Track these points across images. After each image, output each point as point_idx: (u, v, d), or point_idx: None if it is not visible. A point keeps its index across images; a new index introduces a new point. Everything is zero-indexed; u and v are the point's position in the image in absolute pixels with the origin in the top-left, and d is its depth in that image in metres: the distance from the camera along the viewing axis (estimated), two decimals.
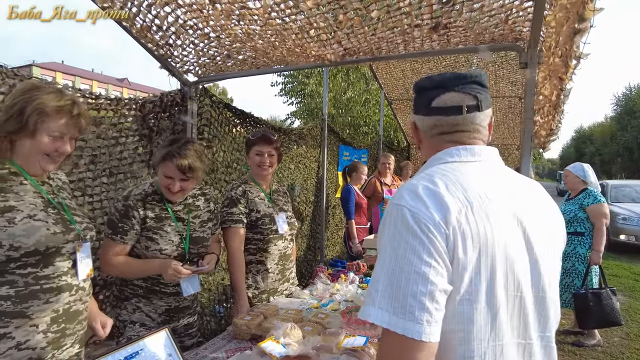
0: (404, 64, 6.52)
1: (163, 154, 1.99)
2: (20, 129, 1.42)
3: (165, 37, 2.81)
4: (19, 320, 1.39)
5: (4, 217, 1.37)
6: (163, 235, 2.01)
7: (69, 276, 1.53)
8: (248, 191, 2.57)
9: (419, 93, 1.16)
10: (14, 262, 1.38)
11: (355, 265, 3.18)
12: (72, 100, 1.52)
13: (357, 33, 2.33)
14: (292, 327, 1.74)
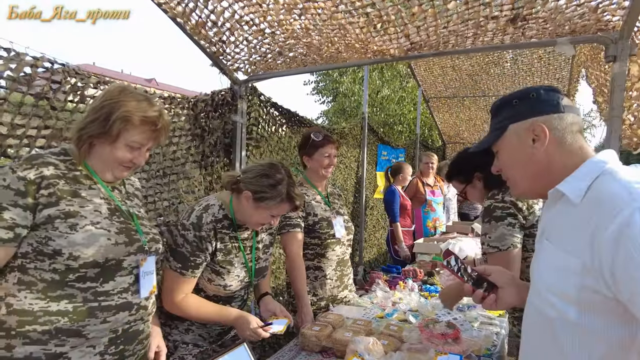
0: (445, 61, 6.32)
1: (284, 196, 1.77)
2: (103, 133, 1.35)
3: (219, 34, 2.74)
4: (75, 339, 1.29)
5: (67, 223, 1.27)
6: (231, 271, 1.84)
7: (129, 293, 1.41)
8: (304, 194, 2.46)
9: (542, 93, 1.13)
10: (72, 273, 1.28)
11: (412, 271, 3.03)
12: (160, 112, 1.44)
13: (428, 26, 2.19)
14: (375, 342, 1.61)
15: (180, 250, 1.72)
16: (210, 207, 1.79)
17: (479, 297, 1.27)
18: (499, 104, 1.21)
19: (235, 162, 3.22)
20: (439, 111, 7.93)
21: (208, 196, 1.90)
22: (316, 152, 2.50)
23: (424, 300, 2.46)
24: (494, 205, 1.80)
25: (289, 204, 1.80)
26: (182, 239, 1.72)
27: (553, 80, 6.46)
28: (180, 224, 1.74)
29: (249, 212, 1.78)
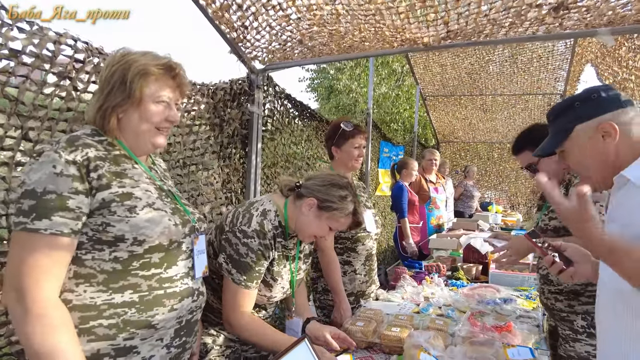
0: (445, 59, 6.33)
1: (350, 211, 1.66)
2: (125, 99, 1.22)
3: (242, 18, 2.62)
4: (145, 330, 1.18)
5: (124, 206, 1.15)
6: (278, 282, 1.72)
7: (189, 278, 1.31)
8: None
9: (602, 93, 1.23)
10: (136, 260, 1.17)
11: (435, 266, 2.98)
12: (170, 57, 1.31)
13: (470, 12, 2.13)
14: (435, 336, 1.54)
15: (245, 261, 1.56)
16: (267, 213, 1.64)
17: (558, 268, 1.36)
18: (558, 109, 1.32)
19: (252, 154, 3.10)
20: (435, 110, 7.94)
21: (261, 198, 1.74)
22: (346, 142, 2.41)
23: (456, 295, 2.41)
24: None
25: (352, 220, 1.70)
26: (245, 248, 1.56)
27: (551, 79, 6.55)
28: (239, 230, 1.57)
29: (308, 221, 1.65)
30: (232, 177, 2.96)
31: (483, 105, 7.51)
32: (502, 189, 9.18)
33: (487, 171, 9.28)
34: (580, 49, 5.19)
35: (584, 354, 1.84)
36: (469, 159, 9.25)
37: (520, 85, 6.78)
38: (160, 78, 1.26)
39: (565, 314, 1.94)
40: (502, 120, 7.93)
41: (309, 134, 3.99)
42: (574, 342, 1.89)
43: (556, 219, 1.94)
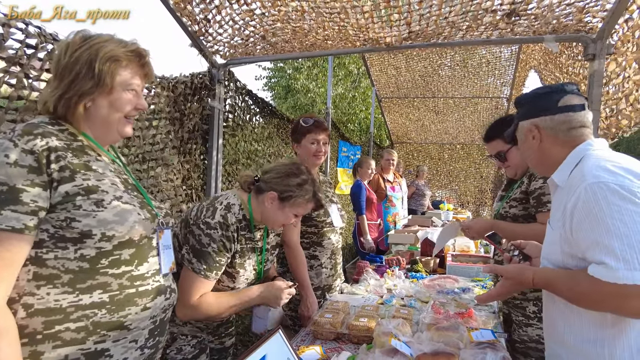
0: (400, 61, 6.51)
1: (311, 195, 1.72)
2: (94, 86, 1.15)
3: (205, 11, 2.58)
4: (117, 332, 1.12)
5: (91, 200, 1.09)
6: (242, 273, 1.73)
7: (160, 275, 1.27)
8: None
9: (539, 98, 1.34)
10: (105, 258, 1.11)
11: (395, 260, 3.07)
12: (137, 45, 1.26)
13: (432, 14, 2.22)
14: (403, 323, 1.60)
15: (206, 250, 1.56)
16: (232, 207, 1.65)
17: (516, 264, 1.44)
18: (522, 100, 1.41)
19: (212, 150, 3.05)
20: (390, 111, 8.16)
21: (226, 193, 1.74)
22: (304, 138, 2.40)
23: (417, 287, 2.50)
24: None
25: (314, 203, 1.75)
26: (207, 239, 1.56)
27: (498, 83, 6.93)
28: (203, 222, 1.57)
29: (272, 213, 1.69)
30: (193, 173, 2.89)
31: (435, 107, 7.81)
32: (452, 188, 9.60)
33: (438, 171, 9.67)
34: (524, 55, 5.53)
35: (535, 337, 1.97)
36: (421, 159, 9.59)
37: (470, 89, 7.12)
38: (129, 65, 1.22)
39: (518, 301, 2.07)
40: (452, 122, 8.29)
41: (270, 131, 3.97)
42: (527, 327, 2.01)
43: (515, 207, 2.06)
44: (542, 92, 1.35)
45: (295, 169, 1.74)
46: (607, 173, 1.09)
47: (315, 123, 2.42)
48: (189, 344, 1.74)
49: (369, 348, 1.57)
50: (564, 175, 1.25)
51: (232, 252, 1.65)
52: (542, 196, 1.88)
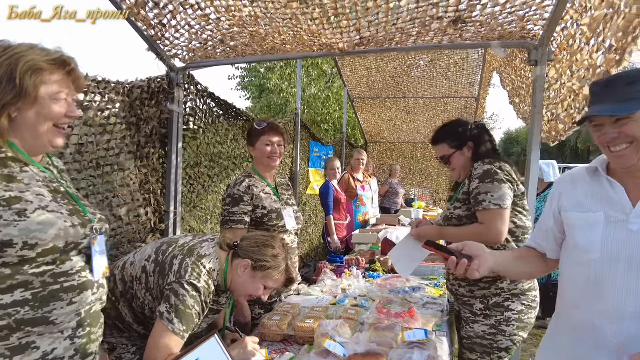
0: (370, 62, 6.58)
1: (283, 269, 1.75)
2: (17, 96, 1.14)
3: (160, 16, 2.57)
4: (42, 327, 1.15)
5: (12, 210, 1.10)
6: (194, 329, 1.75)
7: (87, 272, 1.29)
8: (253, 186, 2.41)
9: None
10: (28, 264, 1.13)
11: (355, 260, 3.13)
12: (61, 53, 1.25)
13: (379, 22, 2.28)
14: (342, 324, 1.65)
15: (190, 313, 1.55)
16: (212, 272, 1.68)
17: (463, 266, 1.41)
18: (633, 77, 1.23)
19: (172, 154, 3.05)
20: (363, 111, 8.24)
21: (210, 252, 1.73)
22: (258, 140, 2.45)
23: (371, 286, 2.56)
24: (495, 170, 1.99)
25: (285, 279, 1.77)
26: (192, 301, 1.56)
27: (467, 84, 7.08)
28: (188, 283, 1.57)
29: (243, 281, 1.71)
30: (151, 177, 2.89)
31: (406, 107, 7.92)
32: (425, 186, 9.77)
33: (411, 170, 9.82)
34: (489, 57, 5.67)
35: (480, 334, 2.05)
36: (394, 158, 9.72)
37: (440, 89, 7.25)
38: (54, 74, 1.21)
39: (466, 299, 2.15)
40: (424, 122, 8.43)
41: (235, 133, 3.98)
42: (474, 323, 2.10)
43: (460, 209, 2.14)
44: None
45: (273, 242, 1.78)
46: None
47: (269, 126, 2.47)
48: (129, 352, 1.77)
49: (310, 349, 1.63)
50: None
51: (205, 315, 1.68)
52: (479, 195, 1.97)
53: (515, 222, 2.05)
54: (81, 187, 2.33)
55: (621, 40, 1.56)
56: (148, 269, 1.70)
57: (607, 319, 1.25)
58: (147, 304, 1.71)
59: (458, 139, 2.14)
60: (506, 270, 1.56)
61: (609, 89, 1.26)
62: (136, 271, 1.74)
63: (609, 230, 1.26)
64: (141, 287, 1.71)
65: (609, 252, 1.25)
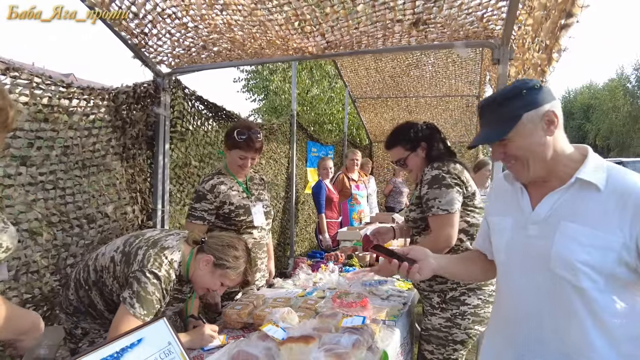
0: (369, 63, 6.66)
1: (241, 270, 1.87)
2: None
3: (141, 26, 2.73)
4: None
5: None
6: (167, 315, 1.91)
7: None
8: (220, 184, 2.49)
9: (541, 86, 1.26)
10: None
11: (334, 255, 3.24)
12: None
13: (341, 26, 2.38)
14: (289, 311, 1.76)
15: (150, 298, 1.69)
16: (173, 263, 1.81)
17: (405, 269, 1.47)
18: (503, 97, 1.28)
19: (159, 155, 3.21)
20: (365, 111, 8.31)
21: (174, 245, 1.86)
22: (233, 150, 2.49)
23: (342, 280, 2.66)
24: (442, 175, 2.05)
25: (242, 279, 1.90)
26: (153, 288, 1.71)
27: (466, 82, 7.08)
28: (149, 271, 1.72)
29: (202, 275, 1.84)
30: (138, 177, 3.06)
31: (408, 107, 7.95)
32: None
33: None
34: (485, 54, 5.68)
35: (437, 326, 2.13)
36: None
37: (440, 88, 7.27)
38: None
39: (426, 292, 2.23)
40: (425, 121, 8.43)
41: None
42: (431, 316, 2.18)
43: (414, 212, 2.22)
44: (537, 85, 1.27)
45: (238, 244, 1.91)
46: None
47: (246, 141, 2.45)
48: (100, 336, 1.91)
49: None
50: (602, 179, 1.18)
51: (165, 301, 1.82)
52: (428, 201, 2.05)
53: (467, 221, 2.12)
54: (67, 187, 2.52)
55: (550, 40, 1.63)
56: (116, 258, 1.85)
57: (511, 319, 1.35)
58: (114, 291, 1.86)
59: (411, 140, 2.21)
60: (451, 273, 1.60)
61: (486, 111, 1.33)
62: (106, 261, 1.89)
63: (513, 234, 1.34)
64: (109, 275, 1.86)
65: (510, 255, 1.35)
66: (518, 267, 1.31)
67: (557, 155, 1.24)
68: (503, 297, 1.41)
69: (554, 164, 1.24)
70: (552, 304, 1.24)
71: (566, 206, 1.22)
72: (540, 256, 1.24)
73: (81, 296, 1.96)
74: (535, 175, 1.27)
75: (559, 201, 1.23)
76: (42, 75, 2.35)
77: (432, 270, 1.48)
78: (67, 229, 2.50)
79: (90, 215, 2.66)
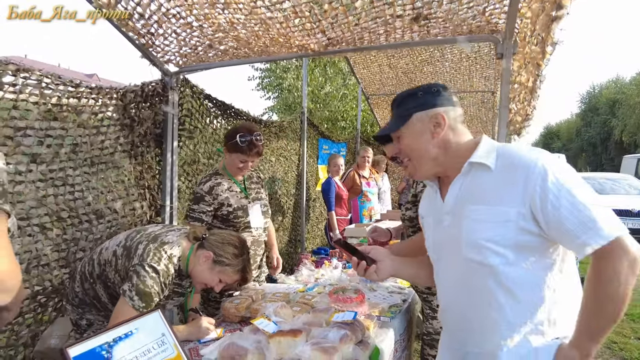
0: (382, 59, 6.62)
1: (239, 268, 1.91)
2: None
3: (147, 26, 2.79)
4: None
5: None
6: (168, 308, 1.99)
7: None
8: (217, 185, 2.54)
9: (438, 91, 1.36)
10: None
11: (339, 252, 3.24)
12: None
13: (340, 23, 2.39)
14: (283, 305, 1.79)
15: (149, 291, 1.75)
16: (173, 258, 1.86)
17: (363, 268, 1.51)
18: (404, 96, 1.40)
19: (167, 152, 3.28)
20: (379, 108, 8.25)
21: (173, 240, 1.92)
22: (234, 153, 2.53)
23: (345, 276, 2.67)
24: None
25: (240, 277, 1.94)
26: (152, 281, 1.77)
27: (481, 78, 6.96)
28: (149, 265, 1.78)
29: (202, 270, 1.89)
30: (146, 174, 3.13)
31: None
32: None
33: None
34: None
35: (439, 330, 2.12)
36: None
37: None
38: None
39: (425, 295, 2.22)
40: None
41: None
42: (432, 319, 2.17)
43: (410, 210, 2.21)
44: (440, 86, 1.38)
45: (238, 242, 1.96)
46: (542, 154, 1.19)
47: (250, 145, 2.49)
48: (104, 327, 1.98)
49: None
50: (492, 159, 1.25)
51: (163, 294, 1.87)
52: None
53: None
54: (76, 183, 2.60)
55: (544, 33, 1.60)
56: (118, 252, 1.92)
57: (443, 311, 1.43)
58: (116, 284, 1.92)
59: None
60: (408, 276, 1.65)
61: (393, 107, 1.43)
62: (109, 255, 1.96)
63: (435, 230, 1.40)
64: (112, 269, 1.92)
65: (436, 251, 1.41)
66: (443, 261, 1.38)
67: (451, 151, 1.31)
68: (438, 293, 1.46)
69: (447, 160, 1.32)
70: (469, 291, 1.28)
71: (467, 191, 1.28)
72: (455, 244, 1.30)
73: (86, 289, 2.03)
74: (426, 173, 1.37)
75: (462, 188, 1.30)
76: (51, 76, 2.43)
77: (389, 272, 1.52)
78: (77, 224, 2.58)
79: (99, 211, 2.74)
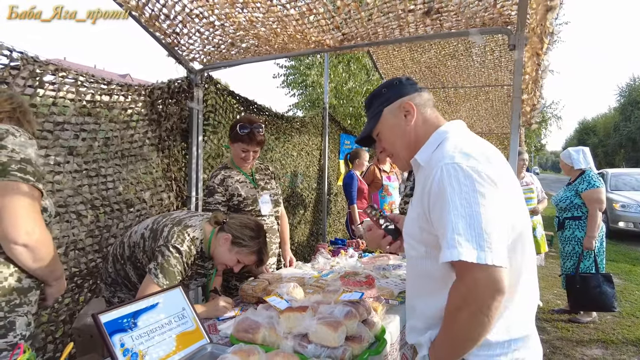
0: (404, 54, 6.62)
1: (256, 249, 2.04)
2: None
3: (172, 26, 2.96)
4: None
5: None
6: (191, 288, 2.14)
7: None
8: (228, 177, 2.68)
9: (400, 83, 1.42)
10: None
11: (355, 242, 3.33)
12: None
13: (354, 18, 2.47)
14: (295, 286, 1.90)
15: (172, 270, 1.91)
16: (195, 240, 2.02)
17: (387, 242, 1.56)
18: (371, 97, 1.46)
19: (192, 146, 3.46)
20: None
21: (196, 224, 2.07)
22: (235, 143, 2.67)
23: (359, 264, 2.76)
24: None
25: (256, 258, 2.07)
26: (175, 261, 1.92)
27: (506, 71, 6.85)
28: (172, 246, 1.94)
29: (221, 252, 2.03)
30: (172, 166, 3.31)
31: (447, 97, 7.81)
32: None
33: None
34: None
35: None
36: None
37: (479, 78, 7.09)
38: None
39: None
40: (466, 112, 8.25)
41: None
42: None
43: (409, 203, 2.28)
44: (397, 81, 1.42)
45: (255, 225, 2.10)
46: (462, 155, 1.16)
47: (249, 134, 2.62)
48: None
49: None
50: (426, 155, 1.29)
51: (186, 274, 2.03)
52: None
53: None
54: (108, 174, 2.80)
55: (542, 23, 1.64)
56: (145, 235, 2.08)
57: None
58: (144, 264, 2.08)
59: None
60: None
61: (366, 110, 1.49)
62: (137, 237, 2.13)
63: None
64: (140, 250, 2.09)
65: None
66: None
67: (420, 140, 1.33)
68: None
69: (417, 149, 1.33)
70: (408, 278, 1.41)
71: (416, 191, 1.31)
72: None
73: (118, 269, 2.21)
74: (407, 162, 1.39)
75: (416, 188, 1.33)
76: (85, 74, 2.63)
77: None
78: (109, 212, 2.78)
79: (129, 200, 2.93)
